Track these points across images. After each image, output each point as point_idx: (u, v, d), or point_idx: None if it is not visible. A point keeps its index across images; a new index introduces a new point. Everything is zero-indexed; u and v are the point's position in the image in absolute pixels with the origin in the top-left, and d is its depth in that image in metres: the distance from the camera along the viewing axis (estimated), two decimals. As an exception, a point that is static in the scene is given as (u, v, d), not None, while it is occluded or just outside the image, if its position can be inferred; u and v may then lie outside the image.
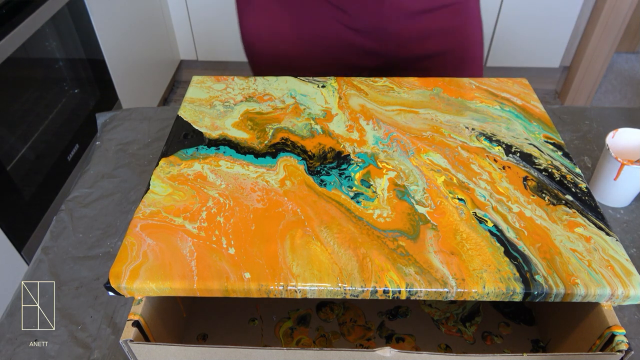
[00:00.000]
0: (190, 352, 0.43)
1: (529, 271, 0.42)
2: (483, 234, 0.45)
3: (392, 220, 0.47)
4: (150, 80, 1.89)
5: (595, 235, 0.45)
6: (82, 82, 1.43)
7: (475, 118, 0.60)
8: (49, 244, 0.63)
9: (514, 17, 1.92)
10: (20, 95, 1.18)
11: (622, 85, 2.23)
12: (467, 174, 0.52)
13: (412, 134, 0.57)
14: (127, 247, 0.44)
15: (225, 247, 0.44)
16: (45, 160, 1.23)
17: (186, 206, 0.48)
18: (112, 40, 1.54)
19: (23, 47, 1.12)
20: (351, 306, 0.57)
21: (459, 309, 0.57)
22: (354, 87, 0.65)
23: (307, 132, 0.57)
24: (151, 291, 0.42)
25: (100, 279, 0.59)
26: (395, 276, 0.42)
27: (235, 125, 0.59)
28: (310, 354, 0.42)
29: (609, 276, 0.42)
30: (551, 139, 0.57)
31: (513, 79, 0.66)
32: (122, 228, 0.65)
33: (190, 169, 0.52)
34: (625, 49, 2.40)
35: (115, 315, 0.55)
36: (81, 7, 1.35)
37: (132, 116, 0.83)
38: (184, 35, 2.08)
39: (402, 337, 0.54)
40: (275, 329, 0.55)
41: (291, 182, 0.51)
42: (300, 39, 0.79)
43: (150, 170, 0.73)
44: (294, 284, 0.41)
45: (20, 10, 1.10)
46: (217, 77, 0.67)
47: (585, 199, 0.49)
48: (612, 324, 0.42)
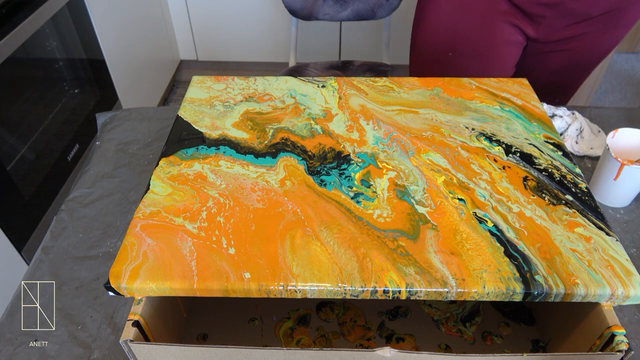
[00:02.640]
0: (190, 352, 0.43)
1: (529, 271, 0.42)
2: (483, 234, 0.45)
3: (392, 220, 0.47)
4: (150, 80, 1.89)
5: (595, 235, 0.45)
6: (82, 82, 1.43)
7: (475, 118, 0.60)
8: (49, 244, 0.63)
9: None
10: (20, 95, 1.18)
11: (622, 85, 2.23)
12: (467, 174, 0.52)
13: (412, 134, 0.57)
14: (127, 247, 0.44)
15: (225, 247, 0.44)
16: (45, 160, 1.23)
17: (186, 206, 0.48)
18: (112, 40, 1.54)
19: (23, 47, 1.12)
20: (351, 306, 0.57)
21: (459, 309, 0.57)
22: (354, 87, 0.65)
23: (307, 132, 0.57)
24: (151, 291, 0.42)
25: (100, 279, 0.59)
26: (395, 276, 0.42)
27: (235, 125, 0.59)
28: (310, 354, 0.42)
29: (609, 276, 0.42)
30: (551, 139, 0.57)
31: (513, 79, 0.66)
32: (122, 228, 0.65)
33: (190, 169, 0.52)
34: (625, 49, 2.40)
35: (115, 315, 0.55)
36: (81, 7, 1.35)
37: (132, 116, 0.83)
38: (184, 35, 2.08)
39: (402, 337, 0.54)
40: (275, 329, 0.55)
41: (291, 182, 0.51)
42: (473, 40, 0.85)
43: (150, 170, 0.73)
44: (294, 284, 0.41)
45: (20, 10, 1.10)
46: (217, 77, 0.67)
47: (585, 199, 0.49)
48: (612, 324, 0.42)
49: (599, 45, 0.85)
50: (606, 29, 0.82)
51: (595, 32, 0.82)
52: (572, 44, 0.84)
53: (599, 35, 0.83)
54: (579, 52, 0.85)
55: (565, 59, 0.87)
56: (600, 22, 0.80)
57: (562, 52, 0.86)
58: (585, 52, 0.86)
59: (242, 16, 1.98)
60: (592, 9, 0.78)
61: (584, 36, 0.83)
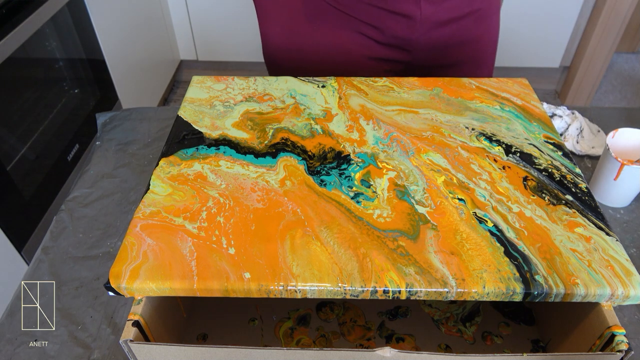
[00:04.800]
0: (190, 352, 0.43)
1: (529, 271, 0.42)
2: (483, 234, 0.45)
3: (392, 220, 0.47)
4: (150, 80, 1.89)
5: (595, 235, 0.45)
6: (82, 82, 1.43)
7: (475, 118, 0.60)
8: (49, 244, 0.63)
9: (514, 17, 1.92)
10: (20, 95, 1.18)
11: (622, 85, 2.23)
12: (467, 174, 0.52)
13: (412, 134, 0.57)
14: (127, 247, 0.44)
15: (225, 247, 0.44)
16: (45, 160, 1.23)
17: (186, 206, 0.48)
18: (112, 40, 1.54)
19: (23, 47, 1.12)
20: (351, 306, 0.57)
21: (459, 309, 0.57)
22: (354, 87, 0.65)
23: (307, 132, 0.57)
24: (151, 291, 0.42)
25: (100, 279, 0.59)
26: (395, 276, 0.42)
27: (235, 125, 0.59)
28: (310, 354, 0.42)
29: (609, 276, 0.42)
30: (551, 139, 0.57)
31: (513, 79, 0.66)
32: (122, 228, 0.65)
33: (190, 169, 0.52)
34: (625, 49, 2.40)
35: (115, 315, 0.55)
36: (81, 7, 1.35)
37: (132, 116, 0.83)
38: (184, 35, 2.08)
39: (402, 337, 0.54)
40: (275, 329, 0.55)
41: (291, 182, 0.51)
42: (320, 50, 0.79)
43: (150, 170, 0.73)
44: (294, 284, 0.41)
45: (20, 10, 1.10)
46: (217, 77, 0.67)
47: (585, 199, 0.49)
48: (612, 324, 0.42)
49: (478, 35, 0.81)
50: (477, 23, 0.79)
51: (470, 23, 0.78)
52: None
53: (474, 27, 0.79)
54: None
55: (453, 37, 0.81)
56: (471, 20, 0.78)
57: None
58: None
59: (242, 16, 1.98)
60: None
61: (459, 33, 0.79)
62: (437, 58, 0.80)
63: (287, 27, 0.79)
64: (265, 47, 0.85)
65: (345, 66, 0.79)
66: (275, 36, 0.81)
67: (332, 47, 0.78)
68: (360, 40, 0.77)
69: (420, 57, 0.79)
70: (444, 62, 0.80)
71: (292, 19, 0.78)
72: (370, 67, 0.80)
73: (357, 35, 0.77)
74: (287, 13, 0.78)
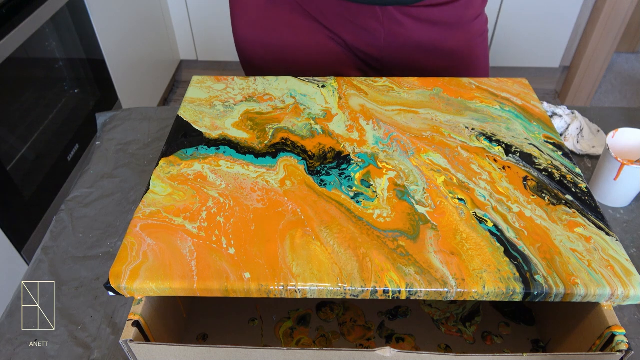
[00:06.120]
0: (190, 352, 0.43)
1: (529, 271, 0.42)
2: (483, 234, 0.45)
3: (392, 220, 0.47)
4: (150, 80, 1.89)
5: (595, 235, 0.45)
6: (82, 82, 1.43)
7: (475, 118, 0.60)
8: (49, 244, 0.63)
9: (514, 17, 1.92)
10: (20, 95, 1.18)
11: (622, 85, 2.23)
12: (467, 174, 0.52)
13: (412, 134, 0.57)
14: (127, 247, 0.44)
15: (225, 247, 0.44)
16: (45, 160, 1.23)
17: (186, 206, 0.48)
18: (112, 40, 1.54)
19: (23, 47, 1.12)
20: (351, 306, 0.57)
21: (459, 309, 0.57)
22: (354, 87, 0.65)
23: (307, 132, 0.57)
24: (151, 291, 0.42)
25: (100, 279, 0.59)
26: (395, 276, 0.42)
27: (235, 125, 0.59)
28: (310, 354, 0.42)
29: (609, 276, 0.42)
30: (551, 139, 0.57)
31: (513, 79, 0.66)
32: (122, 228, 0.65)
33: (190, 169, 0.52)
34: (625, 49, 2.40)
35: (115, 315, 0.55)
36: (81, 7, 1.35)
37: (132, 116, 0.83)
38: (184, 35, 2.08)
39: (402, 337, 0.54)
40: (275, 329, 0.55)
41: (291, 182, 0.51)
42: (291, 51, 0.79)
43: (150, 170, 0.73)
44: (294, 284, 0.41)
45: (20, 10, 1.10)
46: (217, 77, 0.67)
47: (585, 199, 0.49)
48: (612, 324, 0.42)
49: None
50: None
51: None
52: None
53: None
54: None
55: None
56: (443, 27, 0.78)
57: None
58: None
59: (242, 16, 1.98)
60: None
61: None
62: (409, 68, 0.80)
63: (258, 24, 0.80)
64: (236, 42, 0.85)
65: (320, 66, 0.80)
66: (245, 30, 0.82)
67: (303, 46, 0.79)
68: (330, 44, 0.78)
69: (392, 66, 0.80)
70: (418, 69, 0.80)
71: (262, 15, 0.79)
72: (342, 63, 0.80)
73: (328, 40, 0.78)
74: (256, 9, 0.79)
